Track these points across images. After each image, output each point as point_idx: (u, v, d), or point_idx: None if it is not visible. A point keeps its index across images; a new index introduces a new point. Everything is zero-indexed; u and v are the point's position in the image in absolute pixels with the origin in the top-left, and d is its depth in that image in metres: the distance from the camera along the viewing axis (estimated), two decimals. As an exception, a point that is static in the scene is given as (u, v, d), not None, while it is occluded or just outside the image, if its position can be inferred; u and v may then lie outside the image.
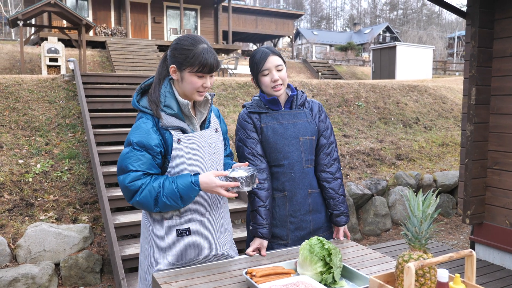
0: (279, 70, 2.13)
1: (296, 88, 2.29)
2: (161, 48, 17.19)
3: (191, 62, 1.75)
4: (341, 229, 2.28)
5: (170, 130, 1.80)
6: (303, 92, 2.32)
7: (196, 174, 1.78)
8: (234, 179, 1.73)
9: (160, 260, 1.86)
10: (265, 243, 2.08)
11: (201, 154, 1.87)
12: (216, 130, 1.97)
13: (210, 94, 1.95)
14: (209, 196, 1.90)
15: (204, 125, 1.93)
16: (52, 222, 4.46)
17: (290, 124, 2.18)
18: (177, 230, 1.85)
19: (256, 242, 2.07)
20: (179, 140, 1.81)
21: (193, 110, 1.92)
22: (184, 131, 1.84)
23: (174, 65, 1.81)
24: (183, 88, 1.82)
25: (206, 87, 1.81)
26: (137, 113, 2.35)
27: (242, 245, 4.46)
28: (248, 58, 20.36)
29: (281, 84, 2.14)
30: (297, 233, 2.20)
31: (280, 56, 2.17)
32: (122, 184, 1.76)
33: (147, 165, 1.76)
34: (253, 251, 2.05)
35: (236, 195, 1.79)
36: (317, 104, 2.31)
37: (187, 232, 1.85)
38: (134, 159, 1.75)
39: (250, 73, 2.23)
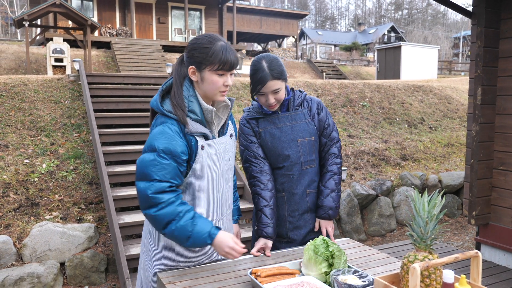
0: (276, 93, 2.09)
1: (292, 89, 2.25)
2: (166, 48, 17.23)
3: (210, 60, 1.69)
4: (322, 223, 2.18)
5: (195, 136, 1.75)
6: (301, 91, 2.27)
7: (218, 228, 1.73)
8: (350, 286, 1.54)
9: (166, 260, 1.85)
10: (269, 243, 2.08)
11: (220, 161, 1.85)
12: (231, 136, 1.95)
13: (230, 99, 1.90)
14: (223, 202, 1.90)
15: (222, 131, 1.89)
16: (58, 221, 4.48)
17: (287, 127, 2.18)
18: None
19: (261, 242, 2.08)
20: (202, 147, 1.76)
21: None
22: (206, 138, 1.79)
23: (193, 66, 1.74)
24: (204, 89, 1.76)
25: (228, 85, 1.75)
26: (141, 113, 2.36)
27: (246, 245, 4.46)
28: (252, 58, 20.33)
29: (276, 104, 2.13)
30: (296, 232, 2.21)
31: (280, 77, 2.08)
32: (143, 192, 1.66)
33: (172, 174, 1.68)
34: (258, 251, 2.05)
35: None
36: (315, 102, 2.25)
37: None
38: (159, 167, 1.65)
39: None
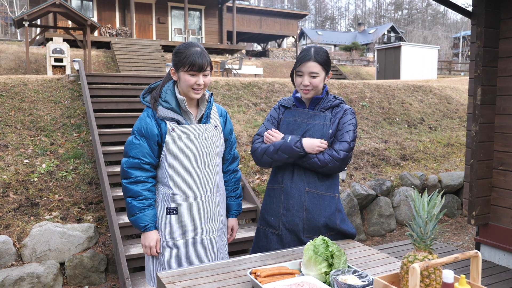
0: (313, 77, 2.17)
1: (327, 92, 2.29)
2: (166, 48, 17.22)
3: (182, 62, 2.03)
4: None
5: (165, 121, 2.08)
6: (336, 98, 2.28)
7: (155, 227, 2.09)
8: (349, 286, 1.52)
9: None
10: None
11: (193, 144, 2.10)
12: (215, 127, 2.18)
13: (210, 94, 2.21)
14: (198, 182, 2.11)
15: (201, 120, 2.16)
16: (57, 221, 4.48)
17: (303, 123, 2.24)
18: (166, 208, 2.10)
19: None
20: (173, 130, 2.07)
21: (196, 108, 2.17)
22: (179, 123, 2.09)
23: (173, 68, 2.10)
24: (181, 87, 2.09)
25: (199, 84, 2.05)
26: (141, 113, 2.54)
27: (246, 245, 4.46)
28: (252, 58, 20.36)
29: (310, 90, 2.20)
30: (289, 226, 2.19)
31: (322, 63, 2.16)
32: (122, 165, 2.09)
33: (143, 153, 2.06)
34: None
35: None
36: (343, 110, 2.24)
37: (175, 211, 2.09)
38: (133, 147, 2.07)
39: (254, 73, 2.26)
